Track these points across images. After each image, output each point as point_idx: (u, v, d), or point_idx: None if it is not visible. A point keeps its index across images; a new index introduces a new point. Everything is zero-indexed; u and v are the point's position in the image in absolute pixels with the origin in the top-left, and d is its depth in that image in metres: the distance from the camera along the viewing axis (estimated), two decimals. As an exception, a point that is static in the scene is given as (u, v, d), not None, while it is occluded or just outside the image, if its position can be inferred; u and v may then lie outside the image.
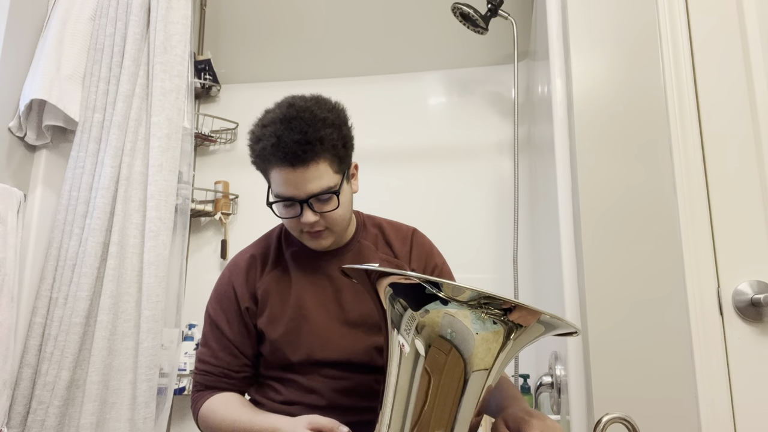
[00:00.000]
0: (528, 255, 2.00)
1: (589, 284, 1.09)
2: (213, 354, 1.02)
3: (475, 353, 0.61)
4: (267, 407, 1.00)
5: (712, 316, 1.05)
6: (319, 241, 0.98)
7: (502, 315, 0.60)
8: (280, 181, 0.92)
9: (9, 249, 1.39)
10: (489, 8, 1.88)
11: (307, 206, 0.92)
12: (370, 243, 1.08)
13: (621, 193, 1.12)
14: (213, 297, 1.06)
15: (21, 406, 1.43)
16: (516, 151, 1.91)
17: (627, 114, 1.15)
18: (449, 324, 0.61)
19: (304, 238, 0.99)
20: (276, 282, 1.03)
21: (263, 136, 0.92)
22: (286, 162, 0.89)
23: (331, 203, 0.94)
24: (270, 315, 1.00)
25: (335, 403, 0.96)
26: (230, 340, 1.02)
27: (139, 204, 1.56)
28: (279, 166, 0.90)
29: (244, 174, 2.32)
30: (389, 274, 0.66)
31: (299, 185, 0.90)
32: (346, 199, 0.98)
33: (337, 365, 0.98)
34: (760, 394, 1.01)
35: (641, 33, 1.18)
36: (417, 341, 0.63)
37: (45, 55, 1.57)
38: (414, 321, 0.63)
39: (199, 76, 2.27)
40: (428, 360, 0.62)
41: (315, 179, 0.90)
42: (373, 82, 2.31)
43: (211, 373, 1.02)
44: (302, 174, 0.90)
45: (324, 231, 0.97)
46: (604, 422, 0.71)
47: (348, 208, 1.00)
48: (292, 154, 0.88)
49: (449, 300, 0.60)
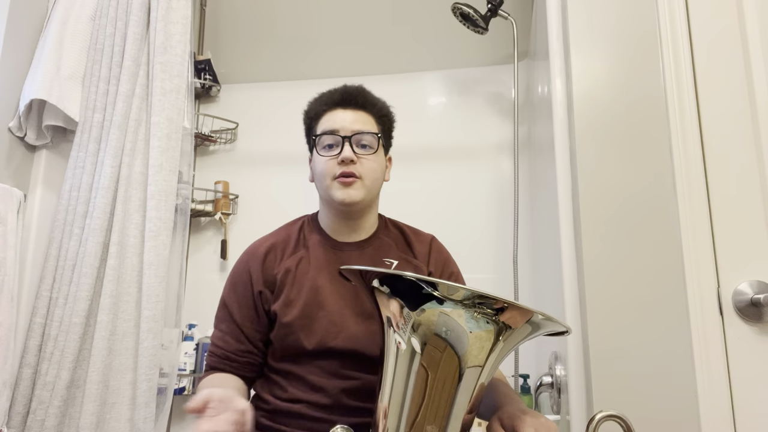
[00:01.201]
0: (528, 255, 2.00)
1: (589, 284, 1.09)
2: (221, 337, 1.04)
3: (468, 351, 0.63)
4: (271, 405, 1.00)
5: (712, 316, 1.05)
6: (349, 190, 1.00)
7: (495, 314, 0.62)
8: (330, 120, 1.03)
9: (9, 249, 1.39)
10: (489, 8, 1.88)
11: (348, 142, 1.00)
12: (391, 241, 1.10)
13: (621, 193, 1.12)
14: (228, 281, 1.08)
15: (21, 406, 1.43)
16: (516, 151, 1.91)
17: (627, 114, 1.15)
18: (444, 323, 0.62)
19: (334, 186, 1.02)
20: (295, 265, 1.04)
21: (323, 94, 1.08)
22: (342, 104, 1.04)
23: (370, 150, 1.03)
24: (286, 298, 1.01)
25: (340, 403, 0.96)
26: (238, 324, 1.03)
27: (139, 204, 1.56)
28: (333, 108, 1.04)
29: (244, 174, 2.32)
30: (385, 275, 0.66)
31: (347, 123, 1.02)
32: (380, 167, 1.06)
33: (348, 356, 0.98)
34: (760, 394, 1.01)
35: (641, 33, 1.18)
36: (413, 339, 0.64)
37: (45, 55, 1.57)
38: (410, 319, 0.64)
39: (199, 76, 2.27)
40: (424, 357, 0.63)
41: (362, 122, 1.03)
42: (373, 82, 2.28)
43: (215, 354, 1.04)
44: (352, 115, 1.03)
45: (357, 180, 1.01)
46: (597, 420, 0.71)
47: (380, 173, 1.06)
48: (350, 97, 1.04)
49: (445, 299, 0.61)
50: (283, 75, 2.37)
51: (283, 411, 0.98)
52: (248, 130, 2.37)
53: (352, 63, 2.31)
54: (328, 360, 0.98)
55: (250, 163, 2.34)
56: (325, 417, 0.95)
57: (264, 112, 2.37)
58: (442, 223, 2.10)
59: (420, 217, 2.13)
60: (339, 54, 2.30)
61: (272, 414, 1.00)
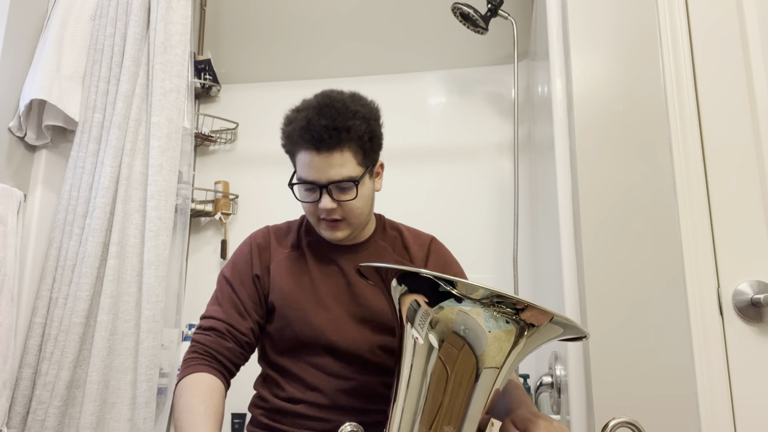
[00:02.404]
0: (528, 255, 2.00)
1: (589, 284, 1.09)
2: (223, 311, 1.00)
3: (487, 351, 0.62)
4: (271, 403, 1.00)
5: (712, 316, 1.05)
6: (335, 232, 1.00)
7: (515, 314, 0.61)
8: (304, 164, 0.95)
9: (9, 249, 1.39)
10: (489, 8, 1.88)
11: (326, 192, 0.95)
12: (387, 245, 1.09)
13: (621, 193, 1.12)
14: (230, 262, 1.08)
15: (21, 406, 1.43)
16: (516, 151, 1.91)
17: (627, 114, 1.15)
18: (463, 321, 0.62)
19: (321, 227, 1.01)
20: (292, 263, 1.04)
21: (295, 119, 0.97)
22: (312, 145, 0.93)
23: (350, 193, 0.96)
24: (282, 292, 1.01)
25: (337, 403, 0.96)
26: (242, 300, 1.02)
27: (139, 204, 1.56)
28: (305, 149, 0.94)
29: (244, 174, 2.32)
30: (404, 272, 0.67)
31: (322, 170, 0.94)
32: (367, 194, 1.01)
33: (345, 357, 0.98)
34: (760, 394, 1.01)
35: (641, 33, 1.18)
36: (431, 335, 0.64)
37: (45, 55, 1.57)
38: (428, 317, 0.64)
39: (199, 76, 2.27)
40: (441, 353, 0.63)
41: (337, 166, 0.94)
42: (373, 82, 2.31)
43: (215, 330, 0.98)
44: (326, 159, 0.93)
45: (341, 222, 0.99)
46: (611, 427, 0.71)
47: (367, 202, 1.02)
48: (318, 138, 0.92)
49: (463, 298, 0.61)
50: (283, 75, 2.37)
51: (282, 410, 0.98)
52: (248, 130, 2.37)
53: (352, 63, 2.31)
54: (324, 358, 0.98)
55: (250, 163, 2.34)
56: (324, 417, 0.96)
57: (264, 112, 2.37)
58: (442, 223, 2.10)
59: (420, 217, 2.14)
60: (339, 54, 2.30)
61: (272, 413, 1.00)
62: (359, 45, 2.27)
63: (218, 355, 0.97)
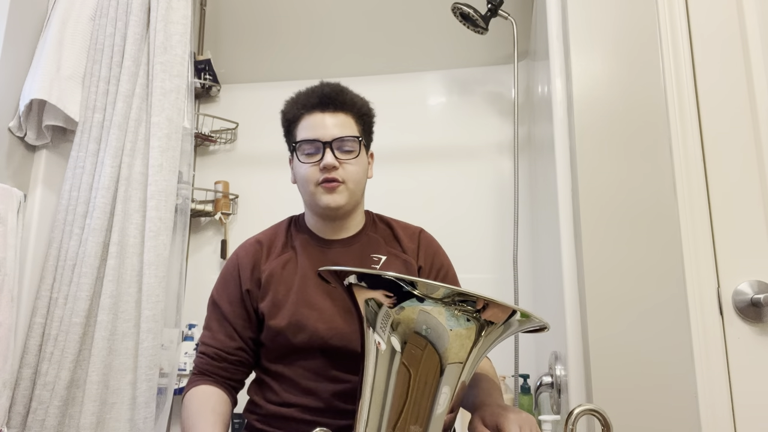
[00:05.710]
0: (528, 255, 2.00)
1: (589, 284, 1.09)
2: (212, 335, 1.03)
3: (449, 348, 0.62)
4: (264, 409, 1.00)
5: (713, 317, 1.05)
6: (334, 195, 1.01)
7: (475, 312, 0.61)
8: (309, 125, 1.01)
9: (9, 249, 1.39)
10: (489, 8, 1.88)
11: (329, 148, 0.99)
12: (378, 236, 1.09)
13: (621, 193, 1.12)
14: (218, 280, 1.08)
15: (21, 406, 1.43)
16: (516, 151, 1.91)
17: (627, 114, 1.15)
18: (424, 321, 0.62)
19: (318, 192, 1.01)
20: (282, 267, 1.04)
21: (297, 96, 1.06)
22: (319, 107, 1.01)
23: (352, 154, 1.02)
24: (273, 299, 1.00)
25: (332, 406, 0.96)
26: (229, 321, 1.02)
27: (139, 204, 1.56)
28: (310, 111, 1.02)
29: (244, 174, 2.32)
30: (362, 274, 0.66)
31: (327, 128, 1.00)
32: (363, 166, 1.05)
33: (338, 355, 0.98)
34: (760, 394, 1.01)
35: (641, 33, 1.18)
36: (393, 338, 0.64)
37: (45, 55, 1.57)
38: (389, 318, 0.64)
39: (199, 76, 2.27)
40: (404, 356, 0.63)
41: (341, 126, 1.01)
42: (373, 82, 2.31)
43: (206, 354, 1.02)
44: (331, 118, 1.01)
45: (340, 185, 1.00)
46: (575, 414, 0.71)
47: (363, 174, 1.05)
48: (328, 99, 1.01)
49: (424, 297, 0.61)
50: (284, 75, 2.37)
51: (276, 415, 0.98)
52: (248, 130, 2.38)
53: (352, 63, 2.31)
54: (318, 360, 0.98)
55: (250, 163, 2.34)
56: (319, 420, 0.95)
57: (264, 112, 2.37)
58: (442, 223, 2.10)
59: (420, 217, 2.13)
60: (339, 54, 2.30)
61: (266, 418, 1.00)
62: (359, 45, 2.27)
63: (216, 376, 1.01)
